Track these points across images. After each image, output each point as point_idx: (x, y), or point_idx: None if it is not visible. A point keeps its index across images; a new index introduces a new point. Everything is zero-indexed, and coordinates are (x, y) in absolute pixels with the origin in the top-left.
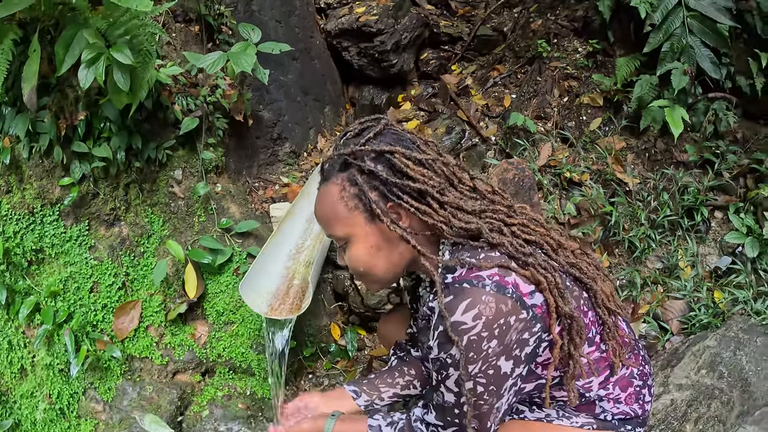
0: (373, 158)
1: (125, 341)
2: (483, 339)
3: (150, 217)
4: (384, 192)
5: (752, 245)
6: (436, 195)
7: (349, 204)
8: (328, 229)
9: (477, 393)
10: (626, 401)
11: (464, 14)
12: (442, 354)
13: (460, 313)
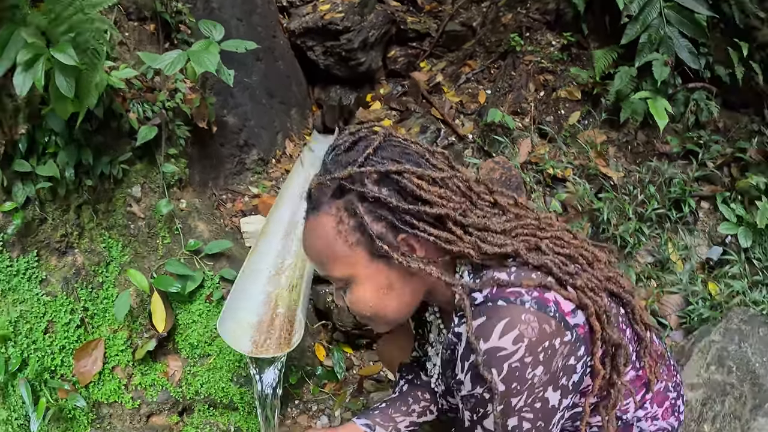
0: (376, 180)
1: (90, 386)
2: (527, 366)
3: (107, 242)
4: (393, 222)
5: (745, 234)
6: (458, 218)
7: (349, 239)
8: (323, 269)
9: (523, 430)
10: (663, 416)
11: (431, 10)
12: (478, 389)
13: (497, 336)
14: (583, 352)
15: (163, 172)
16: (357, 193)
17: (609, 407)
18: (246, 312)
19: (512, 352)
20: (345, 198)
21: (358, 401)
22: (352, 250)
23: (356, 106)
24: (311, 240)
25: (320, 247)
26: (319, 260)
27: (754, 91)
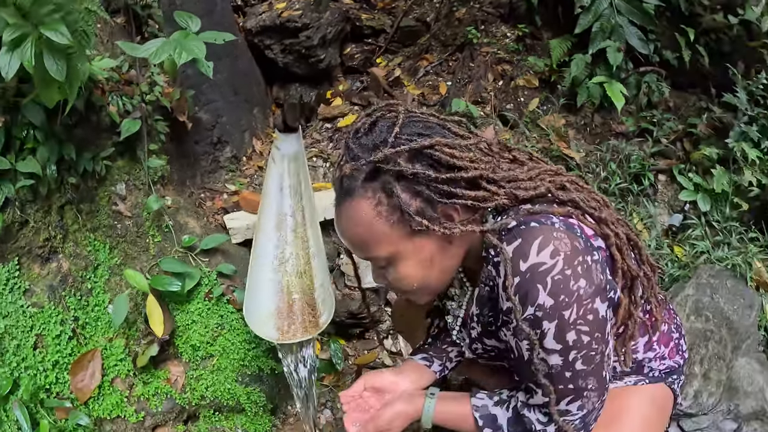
0: (409, 158)
1: (89, 402)
2: (569, 278)
3: (93, 245)
4: (430, 196)
5: (704, 200)
6: (490, 176)
7: (390, 219)
8: (365, 251)
9: (584, 343)
10: (669, 355)
11: (384, 7)
12: (529, 309)
13: (535, 253)
14: (609, 274)
15: (147, 167)
16: (393, 173)
17: (627, 339)
18: (263, 302)
19: (552, 266)
20: (380, 179)
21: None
22: (393, 230)
23: (317, 103)
24: (349, 226)
25: (360, 232)
26: (360, 244)
27: (701, 72)
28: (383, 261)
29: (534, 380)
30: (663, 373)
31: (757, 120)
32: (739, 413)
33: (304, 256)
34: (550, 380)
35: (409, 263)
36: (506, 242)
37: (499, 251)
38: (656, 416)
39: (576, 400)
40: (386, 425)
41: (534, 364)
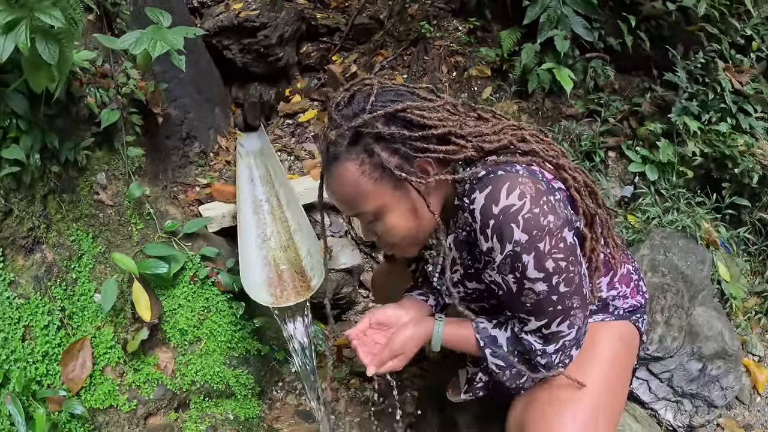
0: (385, 121)
1: (81, 392)
2: (538, 215)
3: (76, 235)
4: (406, 152)
5: (651, 170)
6: (458, 132)
7: (373, 176)
8: (354, 208)
9: (563, 268)
10: (631, 295)
11: (338, 6)
12: (507, 246)
13: (505, 196)
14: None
15: (126, 156)
16: (372, 136)
17: (593, 272)
18: (254, 275)
19: (521, 207)
20: (362, 142)
21: (341, 370)
22: (377, 185)
23: (276, 102)
24: (338, 186)
25: (348, 190)
26: (349, 202)
27: (642, 56)
28: (371, 215)
29: (525, 309)
30: (627, 312)
31: (697, 96)
32: (703, 354)
33: (285, 233)
34: (540, 306)
35: (394, 215)
36: (478, 190)
37: (474, 199)
38: (624, 351)
39: (565, 320)
40: (400, 348)
41: (523, 295)
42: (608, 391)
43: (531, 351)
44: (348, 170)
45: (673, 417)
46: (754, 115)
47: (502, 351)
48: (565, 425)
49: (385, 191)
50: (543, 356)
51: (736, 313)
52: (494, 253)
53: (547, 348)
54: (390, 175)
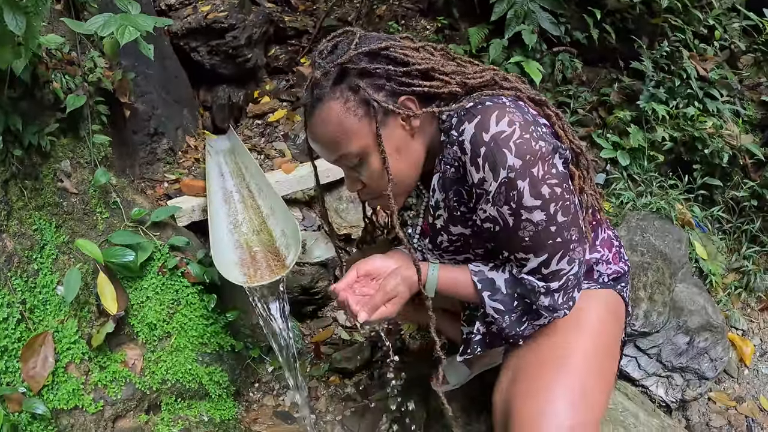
0: (370, 59)
1: (43, 392)
2: (529, 140)
3: (38, 224)
4: (391, 88)
5: (623, 155)
6: (441, 69)
7: (358, 113)
8: (338, 149)
9: (558, 194)
10: (614, 260)
11: (305, 9)
12: (501, 172)
13: (495, 124)
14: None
15: (93, 143)
16: (357, 72)
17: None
18: (226, 255)
19: (512, 132)
20: (346, 80)
21: (319, 367)
22: (362, 123)
23: (245, 103)
24: (322, 127)
25: (333, 130)
26: (333, 142)
27: (609, 48)
28: (355, 157)
29: (524, 246)
30: (611, 279)
31: (664, 83)
32: (689, 327)
33: (258, 218)
34: (539, 239)
35: (378, 156)
36: (467, 121)
37: (462, 130)
38: (611, 321)
39: (565, 255)
40: (393, 290)
41: (521, 228)
42: (597, 362)
43: (533, 291)
44: (332, 109)
45: (665, 392)
46: (720, 99)
47: (501, 294)
48: (554, 401)
49: (369, 130)
50: (547, 294)
51: (716, 290)
52: (487, 183)
53: (551, 284)
54: (376, 112)
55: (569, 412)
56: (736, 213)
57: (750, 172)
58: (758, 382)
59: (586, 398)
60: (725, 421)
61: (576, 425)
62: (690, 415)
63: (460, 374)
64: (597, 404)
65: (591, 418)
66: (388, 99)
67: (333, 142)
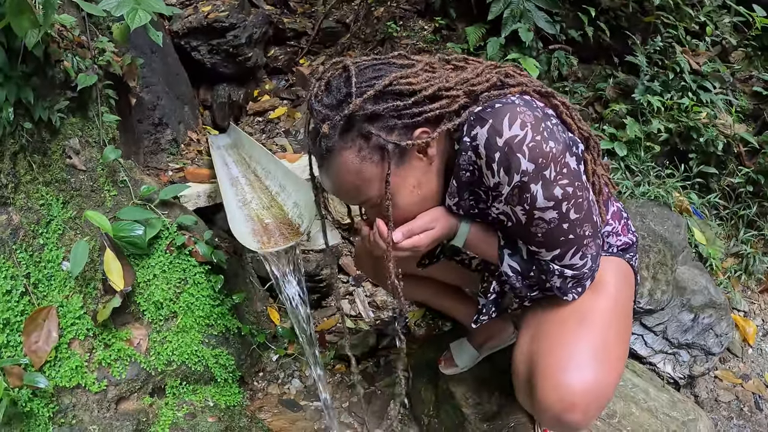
0: (375, 101)
1: (45, 368)
2: (540, 143)
3: (45, 199)
4: (403, 124)
5: (620, 146)
6: (446, 86)
7: (374, 159)
8: (360, 196)
9: (570, 194)
10: (622, 232)
11: (304, 12)
12: (515, 176)
13: (507, 128)
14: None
15: (102, 122)
16: (364, 118)
17: (597, 194)
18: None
19: (524, 135)
20: (355, 128)
21: (325, 356)
22: (378, 167)
23: (245, 102)
24: (340, 177)
25: (351, 179)
26: (354, 191)
27: (603, 46)
28: (377, 199)
29: (537, 241)
30: (620, 249)
31: (658, 77)
32: (693, 305)
33: (267, 196)
34: (552, 235)
35: (402, 194)
36: (479, 125)
37: (475, 135)
38: (625, 284)
39: (578, 252)
40: (430, 221)
41: (533, 225)
42: (616, 320)
43: (548, 271)
44: (347, 159)
45: (673, 369)
46: (713, 91)
47: (520, 257)
48: (577, 355)
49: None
50: (560, 277)
51: (716, 273)
52: (501, 187)
53: (566, 271)
54: (390, 155)
55: (593, 364)
56: (732, 199)
57: (744, 159)
58: (762, 361)
59: (608, 352)
60: (733, 397)
61: (600, 380)
62: (698, 392)
63: (468, 357)
64: (618, 360)
65: (612, 376)
66: (402, 137)
67: (354, 190)
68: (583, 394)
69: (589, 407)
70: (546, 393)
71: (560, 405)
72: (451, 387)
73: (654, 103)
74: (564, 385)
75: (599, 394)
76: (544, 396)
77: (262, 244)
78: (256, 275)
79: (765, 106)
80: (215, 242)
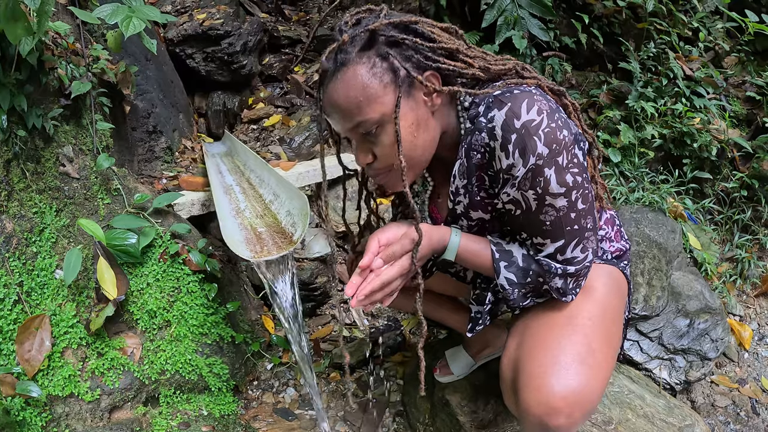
0: (399, 30)
1: (38, 377)
2: (555, 129)
3: (38, 207)
4: (418, 61)
5: (614, 152)
6: (466, 51)
7: (383, 79)
8: (358, 115)
9: (579, 183)
10: (615, 238)
11: (299, 20)
12: (531, 159)
13: (525, 112)
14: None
15: (96, 130)
16: (385, 40)
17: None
18: (233, 234)
19: (540, 121)
20: (374, 47)
21: (319, 364)
22: (386, 90)
23: (240, 110)
24: (344, 91)
25: (356, 94)
26: (354, 107)
27: (596, 52)
28: (374, 125)
29: (543, 230)
30: (614, 257)
31: (651, 83)
32: (688, 311)
33: (261, 205)
34: (559, 224)
35: (400, 126)
36: (497, 108)
37: (492, 117)
38: (616, 292)
39: (580, 243)
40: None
41: (543, 212)
42: (603, 325)
43: (549, 272)
44: (358, 73)
45: (669, 374)
46: (706, 96)
47: (516, 267)
48: (561, 356)
49: (392, 99)
50: (562, 277)
51: (711, 278)
52: (515, 169)
53: (568, 268)
54: (401, 82)
55: (576, 368)
56: (726, 204)
57: (738, 164)
58: (759, 365)
59: (593, 357)
60: (730, 401)
61: (583, 384)
62: (694, 397)
63: (463, 365)
64: (603, 364)
65: (598, 381)
66: (415, 71)
67: (354, 106)
68: (565, 397)
69: (573, 411)
70: (528, 396)
71: (542, 408)
72: (447, 395)
73: (648, 109)
74: (546, 387)
75: (583, 398)
76: (526, 399)
77: (255, 254)
78: (251, 283)
79: (758, 110)
80: (209, 251)
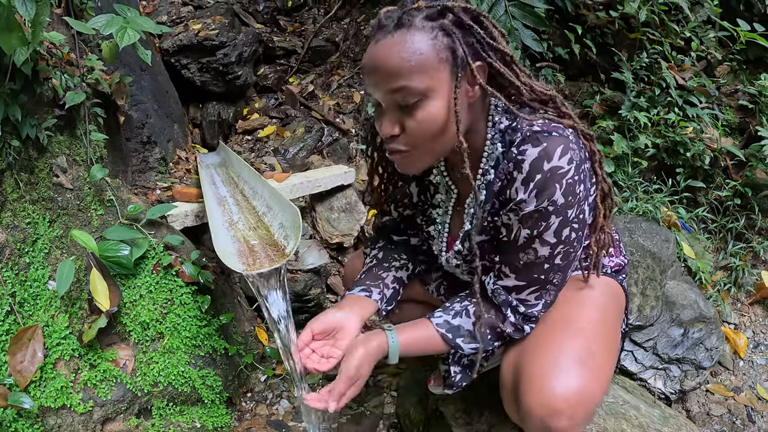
0: (470, 16)
1: (30, 388)
2: (576, 183)
3: (32, 218)
4: (477, 50)
5: (607, 163)
6: (517, 63)
7: (441, 55)
8: (402, 79)
9: (571, 240)
10: (615, 254)
11: (294, 30)
12: (544, 203)
13: (558, 157)
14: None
15: (90, 140)
16: (454, 20)
17: (600, 249)
18: (225, 246)
19: (567, 171)
20: (441, 21)
21: (312, 376)
22: (439, 65)
23: (235, 120)
24: (398, 50)
25: (407, 56)
26: (403, 69)
27: (590, 63)
28: (415, 95)
29: (513, 265)
30: (613, 271)
31: (644, 93)
32: (682, 320)
33: (254, 217)
34: (530, 267)
35: (437, 104)
36: (531, 144)
37: (524, 150)
38: (615, 301)
39: (538, 291)
40: (355, 374)
41: (523, 251)
42: (603, 329)
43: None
44: (416, 38)
45: (663, 384)
46: (699, 105)
47: (471, 334)
48: (562, 358)
49: (442, 75)
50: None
51: (705, 287)
52: (525, 204)
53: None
54: (455, 63)
55: (577, 369)
56: (720, 213)
57: (731, 172)
58: (754, 373)
59: (594, 359)
60: (725, 410)
61: (584, 385)
62: (690, 407)
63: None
64: (605, 366)
65: (599, 382)
66: (470, 58)
67: (404, 69)
68: (567, 398)
69: (574, 413)
70: (530, 399)
71: (544, 410)
72: (441, 406)
73: (641, 118)
74: (547, 389)
75: (584, 399)
76: (528, 402)
77: (247, 266)
78: (244, 295)
79: (750, 119)
80: (202, 262)
